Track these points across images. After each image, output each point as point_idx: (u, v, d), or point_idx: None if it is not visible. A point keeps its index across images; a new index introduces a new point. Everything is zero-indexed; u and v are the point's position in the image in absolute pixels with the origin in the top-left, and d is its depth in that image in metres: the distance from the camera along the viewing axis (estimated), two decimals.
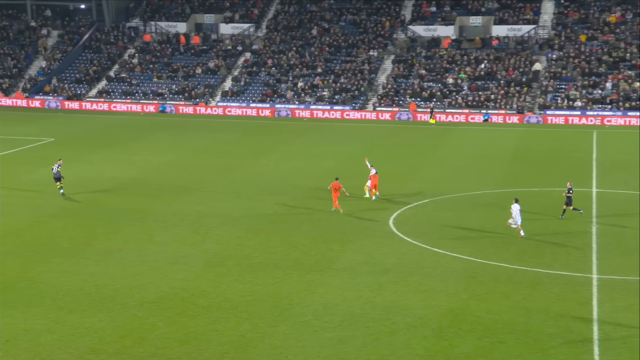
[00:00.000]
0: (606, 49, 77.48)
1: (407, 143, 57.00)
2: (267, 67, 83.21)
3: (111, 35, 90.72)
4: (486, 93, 75.20)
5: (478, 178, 44.55)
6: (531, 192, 40.75)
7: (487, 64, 78.90)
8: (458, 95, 75.67)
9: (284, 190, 41.26)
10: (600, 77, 74.54)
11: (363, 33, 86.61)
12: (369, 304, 24.40)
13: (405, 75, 79.83)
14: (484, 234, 32.63)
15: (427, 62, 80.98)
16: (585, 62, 76.56)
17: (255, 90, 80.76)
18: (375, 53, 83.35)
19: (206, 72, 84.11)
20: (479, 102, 74.29)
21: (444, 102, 75.10)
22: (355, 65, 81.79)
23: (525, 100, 74.05)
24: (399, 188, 41.89)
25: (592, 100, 71.90)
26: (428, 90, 76.74)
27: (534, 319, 23.06)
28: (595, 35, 79.79)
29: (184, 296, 25.02)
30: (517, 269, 27.78)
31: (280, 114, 75.40)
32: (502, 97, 74.30)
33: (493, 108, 73.26)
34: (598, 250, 30.04)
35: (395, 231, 33.17)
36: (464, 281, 26.48)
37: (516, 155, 52.56)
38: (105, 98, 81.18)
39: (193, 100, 79.86)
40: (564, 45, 79.43)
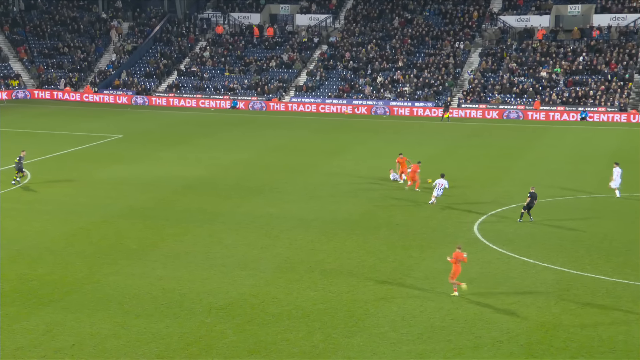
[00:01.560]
0: None
1: (495, 143, 56.08)
2: (344, 60, 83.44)
3: (182, 27, 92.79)
4: (584, 89, 73.29)
5: (573, 182, 43.45)
6: (632, 197, 39.45)
7: (586, 57, 76.88)
8: (552, 91, 74.01)
9: (360, 192, 41.26)
10: None
11: (449, 24, 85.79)
12: (451, 316, 24.14)
13: (494, 70, 78.63)
14: (579, 243, 31.81)
15: (519, 55, 79.54)
16: None
17: (332, 86, 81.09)
18: (461, 45, 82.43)
19: (280, 66, 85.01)
20: (576, 99, 72.48)
21: (536, 98, 73.59)
22: (439, 58, 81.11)
23: (629, 97, 71.78)
24: (485, 192, 41.29)
25: None
26: (519, 86, 75.37)
27: (635, 337, 22.31)
28: None
29: (254, 303, 25.33)
30: (617, 282, 26.96)
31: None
32: (602, 94, 72.25)
33: (592, 105, 71.34)
34: None
35: (480, 238, 32.71)
36: (556, 294, 25.87)
37: (616, 157, 50.92)
38: (175, 93, 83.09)
39: (266, 95, 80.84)
40: None
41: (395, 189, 41.98)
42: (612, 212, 36.78)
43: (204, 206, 38.26)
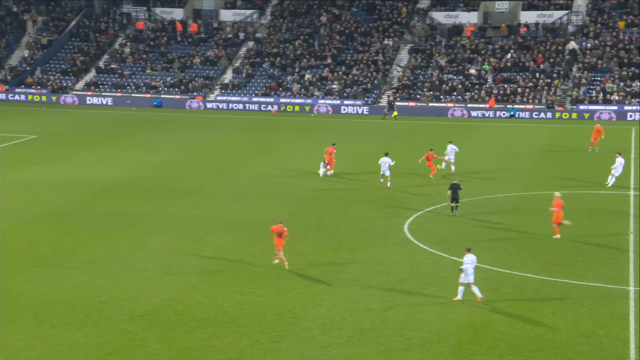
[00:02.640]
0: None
1: (424, 142, 56.96)
2: (271, 57, 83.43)
3: (101, 22, 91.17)
4: (512, 86, 75.12)
5: (502, 180, 44.50)
6: (563, 194, 40.64)
7: (514, 54, 78.79)
8: (482, 89, 75.61)
9: (288, 193, 41.36)
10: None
11: (377, 20, 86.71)
12: (381, 317, 24.44)
13: (423, 67, 79.85)
14: (508, 242, 32.62)
15: (448, 52, 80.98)
16: (623, 51, 76.32)
17: (258, 83, 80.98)
18: (390, 42, 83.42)
19: (205, 63, 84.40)
20: (505, 96, 74.22)
21: (466, 96, 75.08)
22: (368, 55, 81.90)
23: (555, 94, 73.92)
24: (415, 191, 41.92)
25: (630, 94, 71.66)
26: (449, 83, 76.72)
27: (563, 335, 23.03)
28: (635, 22, 79.52)
29: (178, 309, 25.12)
30: (545, 280, 27.75)
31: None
32: (531, 91, 74.18)
33: (520, 102, 73.17)
34: (636, 259, 29.95)
35: (410, 238, 33.21)
36: (486, 293, 26.45)
37: (545, 154, 52.48)
38: (93, 91, 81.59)
39: (190, 93, 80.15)
40: (600, 32, 79.25)
41: (324, 190, 42.22)
42: (539, 210, 37.79)
43: (125, 209, 37.72)
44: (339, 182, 43.84)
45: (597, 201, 39.45)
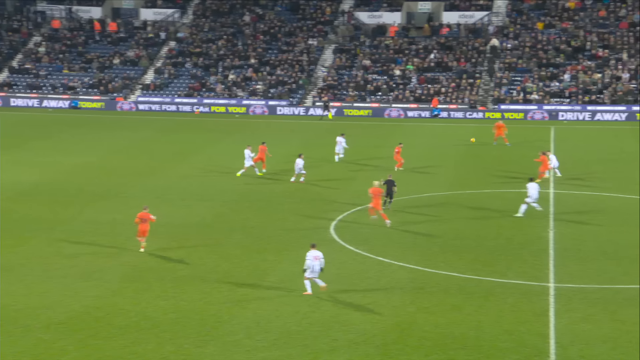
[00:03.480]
0: (564, 38, 79.59)
1: (348, 142, 57.33)
2: (194, 57, 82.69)
3: (14, 20, 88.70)
4: (435, 86, 76.32)
5: (426, 179, 45.17)
6: (483, 194, 41.54)
7: (436, 54, 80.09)
8: (406, 89, 76.60)
9: (213, 195, 41.09)
10: (558, 68, 76.50)
11: (301, 20, 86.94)
12: (307, 319, 24.49)
13: (347, 67, 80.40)
14: (433, 241, 33.12)
15: (372, 52, 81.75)
16: (542, 51, 78.46)
17: (181, 84, 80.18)
18: (314, 42, 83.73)
19: (125, 63, 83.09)
20: (428, 96, 75.35)
21: (391, 95, 75.94)
22: (292, 55, 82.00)
23: (478, 94, 75.45)
24: (341, 191, 42.16)
25: (549, 94, 73.71)
26: (373, 83, 77.46)
27: (486, 332, 23.50)
28: (553, 23, 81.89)
29: (98, 316, 24.65)
30: (469, 279, 28.27)
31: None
32: (453, 91, 75.52)
33: (443, 102, 74.39)
34: (555, 256, 30.80)
35: (336, 238, 33.38)
36: (411, 293, 26.81)
37: (467, 153, 53.47)
38: (6, 92, 79.32)
39: (110, 94, 78.76)
40: (520, 33, 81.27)
41: (249, 191, 42.08)
42: (463, 209, 38.51)
43: (42, 214, 36.83)
44: (265, 184, 43.79)
45: (518, 199, 40.38)
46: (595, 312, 24.82)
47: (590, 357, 21.78)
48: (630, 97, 71.62)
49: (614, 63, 75.55)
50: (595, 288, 27.13)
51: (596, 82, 73.93)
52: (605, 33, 79.05)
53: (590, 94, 72.81)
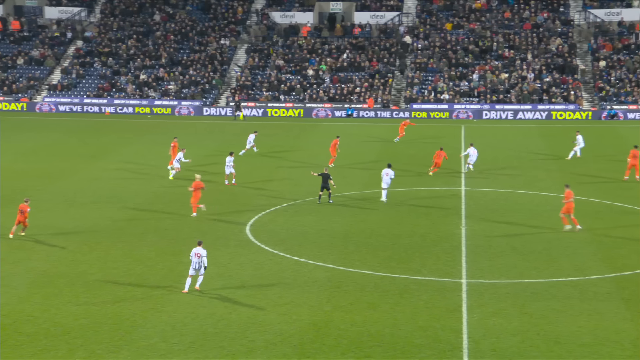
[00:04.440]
0: (472, 38, 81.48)
1: (264, 142, 57.32)
2: (102, 57, 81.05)
3: None
4: (349, 86, 76.98)
5: (342, 179, 45.48)
6: (397, 192, 42.12)
7: (349, 54, 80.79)
8: (319, 88, 77.00)
9: (125, 197, 40.38)
10: (467, 68, 78.27)
11: (213, 19, 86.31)
12: (224, 321, 24.34)
13: (261, 67, 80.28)
14: (349, 240, 33.40)
15: (285, 52, 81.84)
16: (451, 52, 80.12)
17: (90, 84, 78.46)
18: (227, 42, 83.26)
19: (29, 62, 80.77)
20: (342, 96, 75.95)
21: (305, 95, 76.19)
22: (205, 55, 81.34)
23: (391, 94, 76.49)
24: (256, 192, 42.07)
25: (459, 93, 75.34)
26: (287, 83, 77.56)
27: (401, 329, 23.86)
28: (461, 24, 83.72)
29: (5, 323, 23.90)
30: (384, 277, 28.63)
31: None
32: (367, 90, 76.32)
33: (357, 102, 75.12)
34: (467, 253, 31.48)
35: (253, 239, 33.29)
36: (328, 292, 26.98)
37: (382, 153, 54.10)
38: None
39: (14, 95, 76.36)
40: (430, 33, 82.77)
41: (163, 193, 41.53)
42: (378, 207, 38.99)
43: None
44: (179, 185, 43.27)
45: (431, 197, 41.17)
46: (505, 307, 25.51)
47: (500, 350, 22.38)
48: (535, 96, 73.87)
49: (520, 63, 77.80)
50: (505, 283, 27.88)
51: (503, 82, 75.98)
52: (510, 34, 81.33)
53: (497, 94, 74.77)
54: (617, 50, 77.79)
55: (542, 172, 47.12)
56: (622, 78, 74.57)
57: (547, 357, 21.95)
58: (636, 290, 26.88)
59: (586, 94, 74.49)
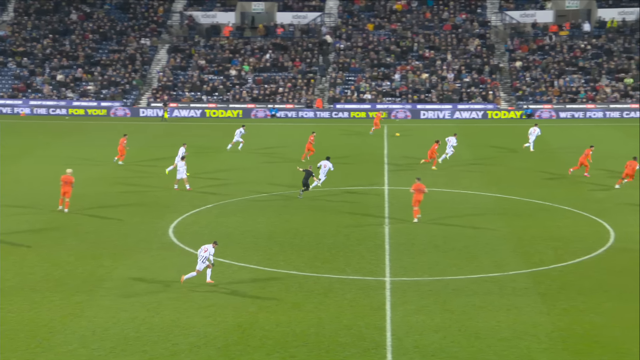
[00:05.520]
0: (394, 39, 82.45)
1: (192, 143, 56.79)
2: (17, 57, 78.87)
3: None
4: (272, 86, 76.92)
5: (266, 179, 45.42)
6: (322, 191, 42.29)
7: (272, 54, 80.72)
8: (242, 89, 76.69)
9: (42, 201, 39.37)
10: (389, 68, 79.16)
11: (133, 19, 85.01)
12: (146, 325, 23.99)
13: (183, 67, 79.46)
14: (273, 240, 33.34)
15: (207, 52, 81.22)
16: (373, 52, 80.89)
17: (4, 85, 76.23)
18: (147, 42, 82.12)
19: None
20: (265, 96, 75.83)
21: (228, 95, 75.79)
22: (124, 55, 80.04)
23: (314, 94, 76.75)
24: (179, 194, 41.60)
25: (381, 93, 76.14)
26: (210, 83, 76.99)
27: (326, 328, 23.94)
28: (382, 24, 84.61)
29: None
30: (309, 276, 28.68)
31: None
32: (290, 90, 76.40)
33: (280, 102, 75.12)
34: (390, 251, 31.81)
35: (176, 241, 32.91)
36: (252, 293, 26.88)
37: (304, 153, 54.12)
38: None
39: None
40: (352, 34, 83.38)
41: (83, 196, 40.66)
42: (303, 207, 39.07)
43: None
44: (100, 186, 42.50)
45: (355, 196, 41.47)
46: (427, 304, 25.88)
47: (423, 346, 22.70)
48: (455, 96, 75.24)
49: (440, 63, 79.11)
50: (427, 280, 28.29)
51: (424, 82, 77.14)
52: (430, 34, 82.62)
53: (419, 93, 75.85)
54: (532, 50, 79.88)
55: (463, 171, 47.99)
56: (538, 78, 76.61)
57: (468, 352, 22.37)
58: (551, 284, 27.66)
59: (504, 94, 76.26)
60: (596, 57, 78.04)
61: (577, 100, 73.78)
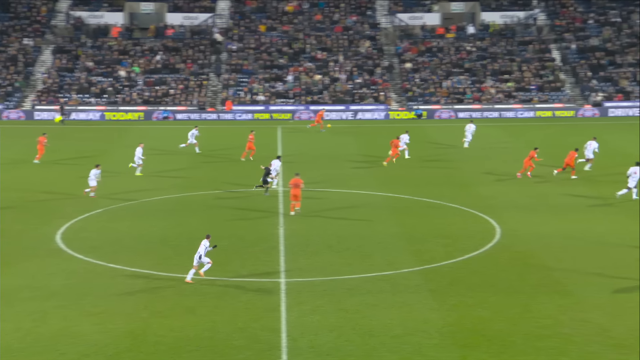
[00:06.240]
0: (286, 40, 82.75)
1: (73, 147, 55.45)
2: None
3: None
4: (164, 88, 75.85)
5: (158, 182, 44.74)
6: (214, 194, 42.02)
7: (163, 56, 79.59)
8: (132, 91, 75.29)
9: None
10: (282, 70, 79.39)
11: (14, 19, 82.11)
12: (32, 335, 23.22)
13: (69, 69, 77.32)
14: (167, 244, 32.90)
15: (95, 53, 79.33)
16: (266, 53, 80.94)
17: None
18: (31, 42, 79.47)
19: None
20: (157, 98, 74.69)
21: (117, 97, 74.24)
22: (6, 56, 77.22)
23: (206, 95, 76.13)
24: (67, 199, 40.49)
25: (275, 94, 76.27)
26: (98, 85, 75.21)
27: (220, 332, 23.79)
28: (274, 26, 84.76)
29: None
30: (203, 280, 28.42)
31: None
32: (182, 92, 75.53)
33: (172, 104, 74.15)
34: (285, 252, 31.90)
35: (64, 248, 32.03)
36: (145, 298, 26.43)
37: (201, 155, 53.69)
38: None
39: None
40: (244, 35, 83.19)
41: None
42: (196, 210, 38.69)
43: None
44: None
45: (249, 198, 41.38)
46: (322, 304, 26.10)
47: (318, 346, 22.88)
48: (347, 96, 76.16)
49: (332, 65, 79.92)
50: (322, 280, 28.53)
51: (317, 83, 77.75)
52: (322, 36, 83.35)
53: (312, 95, 76.39)
54: (421, 52, 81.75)
55: (354, 171, 48.60)
56: (427, 79, 78.47)
57: (362, 350, 22.68)
58: (442, 281, 28.39)
59: (394, 95, 77.72)
60: (481, 59, 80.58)
61: (464, 101, 75.96)
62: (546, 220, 36.49)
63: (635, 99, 74.95)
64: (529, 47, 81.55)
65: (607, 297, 26.45)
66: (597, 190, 42.30)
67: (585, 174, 46.37)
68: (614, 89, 76.44)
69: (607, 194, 41.18)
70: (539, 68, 79.27)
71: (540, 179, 45.07)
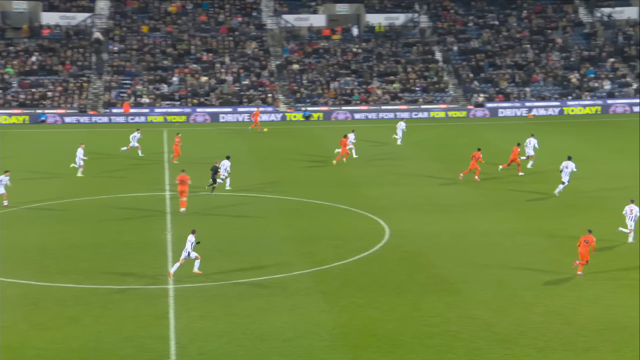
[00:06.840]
0: (170, 41, 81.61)
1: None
2: None
3: None
4: (41, 90, 73.40)
5: (38, 188, 43.29)
6: (98, 200, 41.00)
7: (39, 57, 77.02)
8: (7, 93, 72.52)
9: None
10: (167, 71, 78.24)
11: None
12: None
13: None
14: (46, 253, 31.83)
15: None
16: (149, 55, 79.58)
17: None
18: None
19: None
20: (34, 101, 72.20)
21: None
22: None
23: (88, 98, 74.16)
24: None
25: (160, 96, 75.07)
26: None
27: (105, 342, 23.17)
28: (157, 26, 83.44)
29: None
30: (86, 289, 27.66)
31: None
32: (61, 95, 73.29)
33: (51, 107, 71.85)
34: (173, 258, 31.34)
35: None
36: (23, 310, 25.47)
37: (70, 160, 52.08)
38: None
39: None
40: (126, 36, 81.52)
41: None
42: (79, 217, 37.62)
43: None
44: None
45: (134, 203, 40.52)
46: (212, 309, 25.83)
47: (208, 352, 22.63)
48: (235, 98, 75.81)
49: (219, 66, 79.38)
50: (212, 285, 28.24)
51: (203, 85, 77.03)
52: (207, 37, 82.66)
53: (198, 97, 75.62)
54: (308, 54, 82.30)
55: (244, 172, 48.37)
56: (314, 80, 79.05)
57: (253, 355, 22.58)
58: (333, 282, 28.61)
59: (282, 96, 77.92)
60: (367, 60, 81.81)
61: (351, 102, 76.91)
62: (434, 219, 37.36)
63: (515, 100, 77.86)
64: (413, 49, 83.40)
65: (492, 294, 27.30)
66: (485, 189, 43.56)
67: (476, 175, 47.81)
68: (494, 90, 79.18)
69: (493, 192, 42.57)
70: (424, 69, 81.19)
71: (432, 180, 46.16)
